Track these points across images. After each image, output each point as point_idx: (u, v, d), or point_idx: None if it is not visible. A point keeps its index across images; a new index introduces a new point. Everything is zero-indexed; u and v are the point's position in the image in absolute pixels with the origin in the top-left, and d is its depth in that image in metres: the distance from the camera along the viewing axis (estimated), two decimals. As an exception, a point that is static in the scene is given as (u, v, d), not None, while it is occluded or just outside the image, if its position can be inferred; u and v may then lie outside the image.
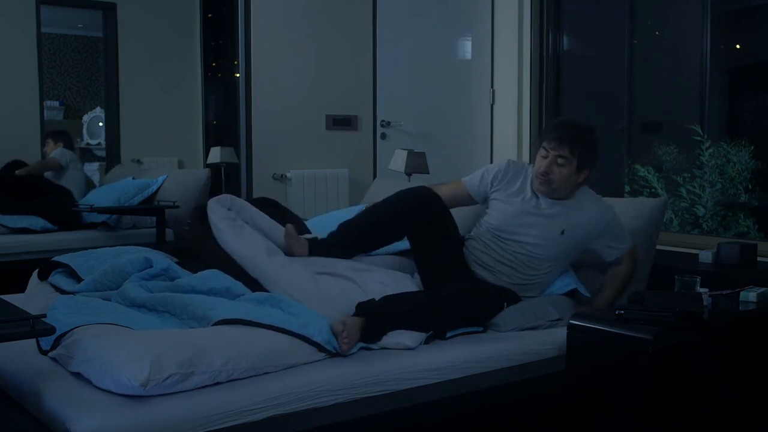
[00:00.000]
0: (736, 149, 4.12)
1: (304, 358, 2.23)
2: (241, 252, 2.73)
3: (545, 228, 2.87)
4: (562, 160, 2.82)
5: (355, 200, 5.21)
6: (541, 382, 2.48)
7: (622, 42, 4.94)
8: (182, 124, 6.60)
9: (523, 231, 2.87)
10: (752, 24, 4.38)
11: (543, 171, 2.84)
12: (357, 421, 2.08)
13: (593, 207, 2.93)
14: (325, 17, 5.70)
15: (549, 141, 2.84)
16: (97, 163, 6.88)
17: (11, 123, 5.66)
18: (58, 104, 7.25)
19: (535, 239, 2.86)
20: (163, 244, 4.53)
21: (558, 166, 2.82)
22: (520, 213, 2.89)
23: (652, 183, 4.51)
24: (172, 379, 1.92)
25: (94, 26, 6.81)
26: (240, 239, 2.77)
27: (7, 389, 2.13)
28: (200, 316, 2.31)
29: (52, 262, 3.05)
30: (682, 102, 4.63)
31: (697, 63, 4.51)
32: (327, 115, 5.74)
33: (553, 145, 2.83)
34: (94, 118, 7.10)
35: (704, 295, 2.55)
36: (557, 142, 2.82)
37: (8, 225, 4.78)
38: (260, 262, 2.68)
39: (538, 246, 2.86)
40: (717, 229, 4.18)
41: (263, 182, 5.47)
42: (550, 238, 2.86)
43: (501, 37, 5.21)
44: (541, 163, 2.85)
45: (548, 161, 2.83)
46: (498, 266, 2.88)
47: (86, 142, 7.05)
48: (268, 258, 2.70)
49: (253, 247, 2.74)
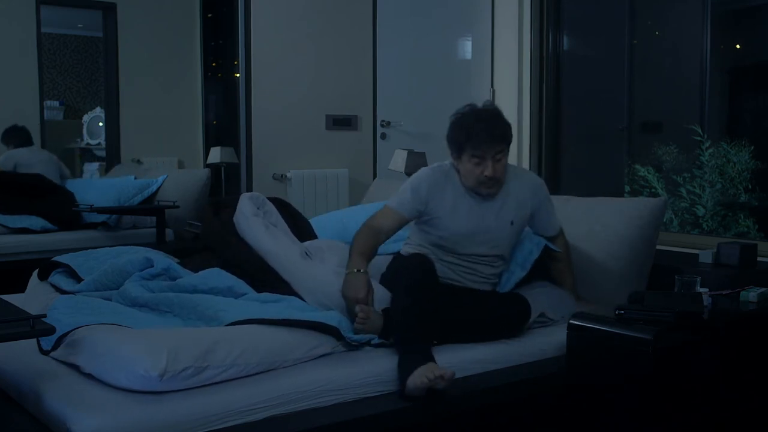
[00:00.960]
0: (736, 149, 4.12)
1: (312, 351, 2.24)
2: (272, 249, 2.76)
3: (498, 229, 2.78)
4: (500, 155, 2.68)
5: (355, 200, 5.21)
6: (541, 383, 2.49)
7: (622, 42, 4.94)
8: (182, 124, 6.60)
9: (479, 242, 2.77)
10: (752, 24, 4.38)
11: (490, 176, 2.66)
12: (357, 421, 2.09)
13: (525, 176, 2.92)
14: (325, 17, 5.70)
15: (477, 147, 2.65)
16: (97, 163, 6.88)
17: (11, 123, 5.65)
18: (58, 104, 7.25)
19: (490, 248, 2.79)
20: (163, 244, 4.53)
21: (497, 162, 2.67)
22: (472, 226, 2.75)
23: (652, 183, 4.51)
24: (187, 371, 1.94)
25: (94, 26, 6.81)
26: (271, 237, 2.80)
27: (7, 389, 2.13)
28: (211, 317, 2.32)
29: (52, 262, 3.05)
30: (682, 102, 4.63)
31: (697, 63, 4.50)
32: (327, 115, 5.74)
33: (485, 147, 2.64)
34: (94, 118, 7.09)
35: (704, 295, 2.55)
36: (489, 143, 2.64)
37: (8, 225, 4.78)
38: (292, 260, 2.71)
39: (496, 247, 2.80)
40: (717, 229, 4.17)
41: (263, 182, 5.47)
42: (503, 237, 2.81)
43: (501, 37, 5.21)
44: (481, 169, 2.67)
45: (489, 164, 2.65)
46: (463, 279, 2.81)
47: (86, 142, 7.05)
48: (300, 258, 2.72)
49: (284, 245, 2.78)
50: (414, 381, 2.18)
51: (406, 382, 2.19)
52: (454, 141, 2.74)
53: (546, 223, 2.95)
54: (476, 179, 2.70)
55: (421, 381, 2.16)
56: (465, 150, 2.69)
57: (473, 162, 2.68)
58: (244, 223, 2.87)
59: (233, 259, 2.80)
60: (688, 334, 2.41)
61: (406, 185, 2.80)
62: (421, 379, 2.16)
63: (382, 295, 2.53)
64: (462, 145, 2.70)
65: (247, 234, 2.84)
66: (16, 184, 5.13)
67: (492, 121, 2.69)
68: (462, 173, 2.75)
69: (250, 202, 2.91)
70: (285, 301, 2.52)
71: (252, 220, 2.85)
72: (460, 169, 2.76)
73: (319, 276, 2.61)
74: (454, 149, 2.74)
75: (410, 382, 2.18)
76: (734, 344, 2.56)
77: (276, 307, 2.45)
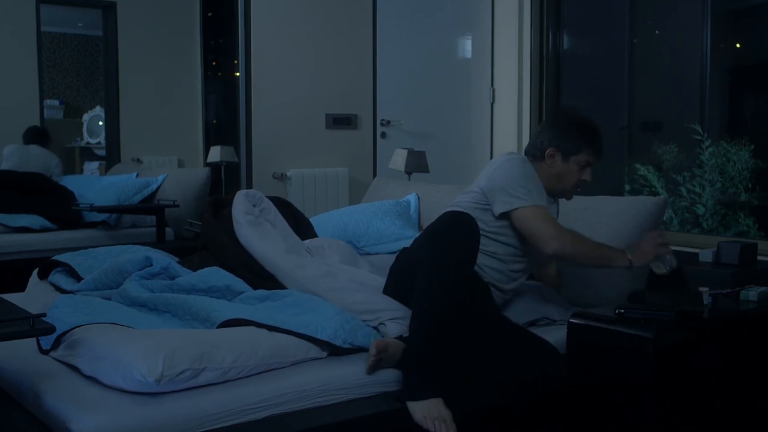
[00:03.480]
0: (736, 148, 4.12)
1: (309, 353, 2.23)
2: (260, 248, 2.73)
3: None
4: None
5: (355, 199, 5.21)
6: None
7: (622, 41, 4.94)
8: (182, 123, 6.60)
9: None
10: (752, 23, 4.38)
11: (589, 182, 2.68)
12: (356, 420, 2.08)
13: None
14: (325, 16, 5.70)
15: (597, 155, 2.67)
16: (97, 162, 6.88)
17: (11, 122, 5.65)
18: (58, 103, 7.25)
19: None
20: (162, 243, 4.53)
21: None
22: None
23: (652, 182, 4.51)
24: (184, 375, 1.94)
25: (94, 25, 6.80)
26: (260, 236, 2.77)
27: (7, 388, 2.13)
28: (204, 318, 2.32)
29: (52, 261, 3.05)
30: (682, 101, 4.63)
31: (697, 62, 4.51)
32: (327, 114, 5.74)
33: (600, 157, 2.68)
34: (94, 117, 7.09)
35: (704, 294, 2.55)
36: (602, 155, 2.69)
37: (8, 224, 4.77)
38: (277, 259, 2.68)
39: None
40: (717, 228, 4.18)
41: (263, 181, 5.47)
42: None
43: (501, 36, 5.21)
44: (584, 176, 2.66)
45: (589, 170, 2.67)
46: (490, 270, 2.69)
47: (86, 141, 7.04)
48: (287, 255, 2.70)
49: (271, 244, 2.75)
50: (421, 415, 2.10)
51: (408, 403, 2.13)
52: (573, 140, 2.65)
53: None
54: (575, 184, 2.68)
55: (427, 424, 2.08)
56: (581, 152, 2.64)
57: (580, 166, 2.65)
58: (234, 221, 2.85)
59: (227, 260, 2.78)
60: (689, 333, 2.41)
61: (520, 178, 2.58)
62: (428, 422, 2.08)
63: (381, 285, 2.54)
64: (581, 147, 2.64)
65: (237, 232, 2.82)
66: (16, 182, 5.13)
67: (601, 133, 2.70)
68: (559, 173, 2.67)
69: (245, 200, 2.89)
70: (281, 298, 2.50)
71: (240, 219, 2.82)
72: (558, 169, 2.67)
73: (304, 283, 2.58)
74: (567, 147, 2.65)
75: (417, 413, 2.10)
76: (734, 343, 2.56)
77: (271, 306, 2.44)
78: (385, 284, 2.60)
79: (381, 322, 2.38)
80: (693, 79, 4.54)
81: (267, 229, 2.82)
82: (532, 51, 4.99)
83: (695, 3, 4.52)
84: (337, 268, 2.70)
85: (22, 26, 5.99)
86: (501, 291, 2.66)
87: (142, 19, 6.38)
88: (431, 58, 5.67)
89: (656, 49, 4.85)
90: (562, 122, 2.71)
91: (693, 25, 4.53)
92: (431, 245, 2.30)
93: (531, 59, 4.99)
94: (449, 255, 2.24)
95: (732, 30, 4.49)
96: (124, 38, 6.31)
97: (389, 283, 2.59)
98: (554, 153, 2.66)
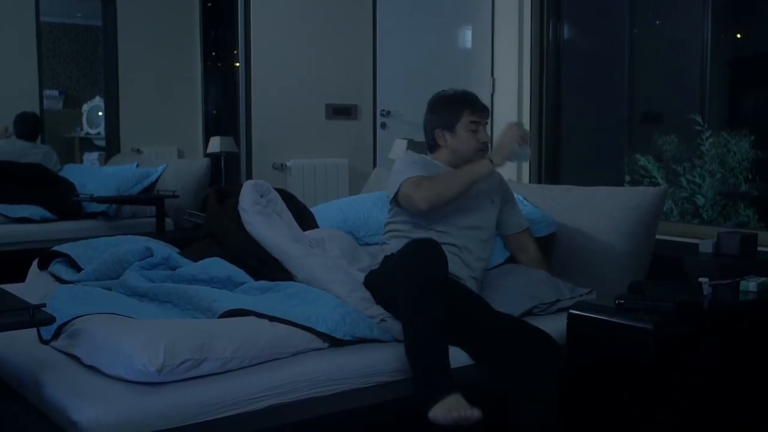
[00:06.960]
0: (737, 139, 4.11)
1: (310, 344, 2.23)
2: (269, 235, 2.75)
3: (479, 205, 2.82)
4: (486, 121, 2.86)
5: (355, 190, 5.21)
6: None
7: (622, 32, 4.93)
8: (182, 114, 6.59)
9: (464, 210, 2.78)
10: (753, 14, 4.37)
11: (486, 140, 2.82)
12: (357, 410, 2.09)
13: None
14: (325, 7, 5.68)
15: (477, 111, 2.82)
16: (97, 153, 6.87)
17: (11, 112, 5.64)
18: (58, 93, 7.23)
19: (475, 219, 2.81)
20: (162, 234, 4.53)
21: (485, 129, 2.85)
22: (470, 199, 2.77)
23: (652, 172, 4.51)
24: (185, 365, 1.94)
25: (94, 15, 6.78)
26: (267, 225, 2.79)
27: (7, 379, 2.13)
28: (205, 308, 2.32)
29: (52, 252, 3.05)
30: (682, 92, 4.62)
31: (697, 53, 4.49)
32: (327, 105, 5.73)
33: (482, 111, 2.84)
34: (94, 108, 7.07)
35: (704, 284, 2.55)
36: (483, 109, 2.85)
37: (8, 214, 4.77)
38: (285, 245, 2.70)
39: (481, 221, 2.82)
40: (717, 219, 4.17)
41: (263, 172, 5.46)
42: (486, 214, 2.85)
43: (501, 27, 5.19)
44: (477, 136, 2.80)
45: (483, 130, 2.82)
46: (476, 263, 2.78)
47: (86, 131, 7.03)
48: (294, 243, 2.72)
49: (279, 231, 2.77)
50: (442, 415, 2.06)
51: (429, 408, 2.08)
52: (447, 112, 2.83)
53: (513, 218, 2.98)
54: (474, 147, 2.80)
55: (451, 417, 2.05)
56: (461, 117, 2.82)
57: (470, 129, 2.80)
58: (241, 213, 2.86)
59: (232, 247, 2.79)
60: (688, 323, 2.41)
61: (401, 166, 2.80)
62: (451, 414, 2.05)
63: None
64: (457, 113, 2.82)
65: (244, 219, 2.83)
66: (16, 173, 5.13)
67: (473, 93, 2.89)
68: (455, 147, 2.83)
69: (253, 190, 2.90)
70: (283, 290, 2.50)
71: (248, 208, 2.84)
72: (451, 144, 2.83)
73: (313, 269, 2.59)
74: (446, 121, 2.83)
75: (438, 415, 2.06)
76: (734, 334, 2.56)
77: (273, 297, 2.44)
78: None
79: (382, 319, 2.39)
80: (693, 70, 4.53)
81: (274, 219, 2.83)
82: (532, 41, 4.97)
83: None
84: (341, 264, 2.71)
85: (22, 16, 5.98)
86: (463, 277, 2.68)
87: (142, 10, 6.36)
88: (431, 49, 5.66)
89: (657, 39, 4.83)
90: (432, 103, 2.92)
91: (693, 17, 4.51)
92: (404, 263, 2.35)
93: (531, 50, 4.98)
94: (420, 266, 2.31)
95: (733, 21, 4.47)
96: (123, 28, 6.29)
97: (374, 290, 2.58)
98: (441, 132, 2.85)
